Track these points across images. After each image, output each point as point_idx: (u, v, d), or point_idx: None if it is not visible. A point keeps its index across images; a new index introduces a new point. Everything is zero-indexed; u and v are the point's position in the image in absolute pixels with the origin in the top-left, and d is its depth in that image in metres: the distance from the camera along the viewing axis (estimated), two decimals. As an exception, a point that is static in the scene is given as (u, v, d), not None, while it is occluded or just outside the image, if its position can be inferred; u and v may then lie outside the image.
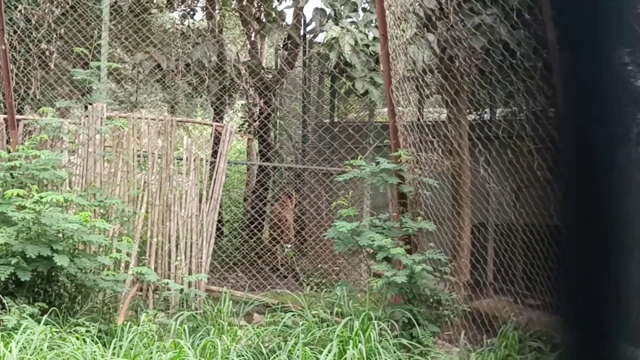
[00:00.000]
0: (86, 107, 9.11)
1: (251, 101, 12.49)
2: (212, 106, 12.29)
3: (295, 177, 11.50)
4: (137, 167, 8.95)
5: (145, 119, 9.25)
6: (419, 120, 7.95)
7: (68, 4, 9.71)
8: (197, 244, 8.84)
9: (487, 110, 10.61)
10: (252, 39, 12.42)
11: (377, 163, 7.62)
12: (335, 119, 12.25)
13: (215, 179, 9.15)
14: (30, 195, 6.87)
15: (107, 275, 7.36)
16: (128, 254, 7.69)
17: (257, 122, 11.76)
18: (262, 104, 11.81)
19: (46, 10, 9.30)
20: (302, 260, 10.95)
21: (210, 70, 10.27)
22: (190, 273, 8.63)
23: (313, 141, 11.03)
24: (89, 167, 8.62)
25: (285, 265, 11.11)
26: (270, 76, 12.20)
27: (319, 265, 10.46)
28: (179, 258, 8.57)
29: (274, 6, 11.38)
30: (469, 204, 9.65)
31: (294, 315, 7.50)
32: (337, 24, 9.42)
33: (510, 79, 7.06)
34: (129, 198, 8.70)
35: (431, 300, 7.49)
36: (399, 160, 7.61)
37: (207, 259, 8.87)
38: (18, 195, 6.92)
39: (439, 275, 7.50)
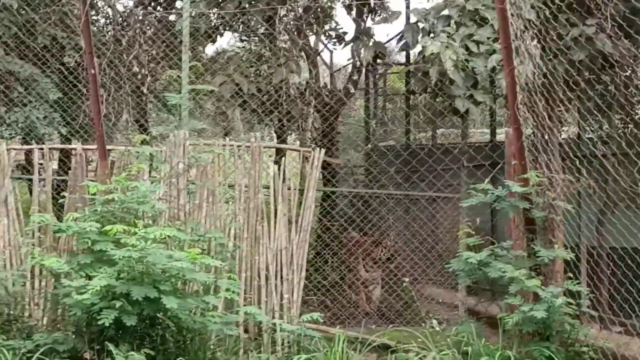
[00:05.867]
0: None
1: (317, 124, 11.93)
2: (287, 130, 11.70)
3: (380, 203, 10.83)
4: (223, 198, 8.37)
5: (230, 145, 8.68)
6: (544, 138, 7.29)
7: (155, 26, 9.19)
8: (287, 279, 8.22)
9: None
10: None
11: (505, 187, 6.96)
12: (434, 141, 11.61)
13: (304, 208, 8.55)
14: (133, 232, 6.29)
15: (213, 316, 6.72)
16: (236, 293, 6.99)
17: (334, 145, 11.17)
18: (338, 125, 11.26)
19: (137, 31, 8.77)
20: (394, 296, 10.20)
21: (295, 92, 9.68)
22: (281, 309, 8.00)
23: (414, 166, 10.28)
24: (173, 198, 8.02)
25: (371, 303, 10.38)
26: (347, 97, 11.61)
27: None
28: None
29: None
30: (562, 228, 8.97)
31: (418, 356, 6.85)
32: (432, 39, 8.78)
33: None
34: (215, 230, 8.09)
35: (567, 336, 6.80)
36: (527, 183, 6.93)
37: (299, 295, 8.24)
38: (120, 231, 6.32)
39: (577, 309, 6.80)
